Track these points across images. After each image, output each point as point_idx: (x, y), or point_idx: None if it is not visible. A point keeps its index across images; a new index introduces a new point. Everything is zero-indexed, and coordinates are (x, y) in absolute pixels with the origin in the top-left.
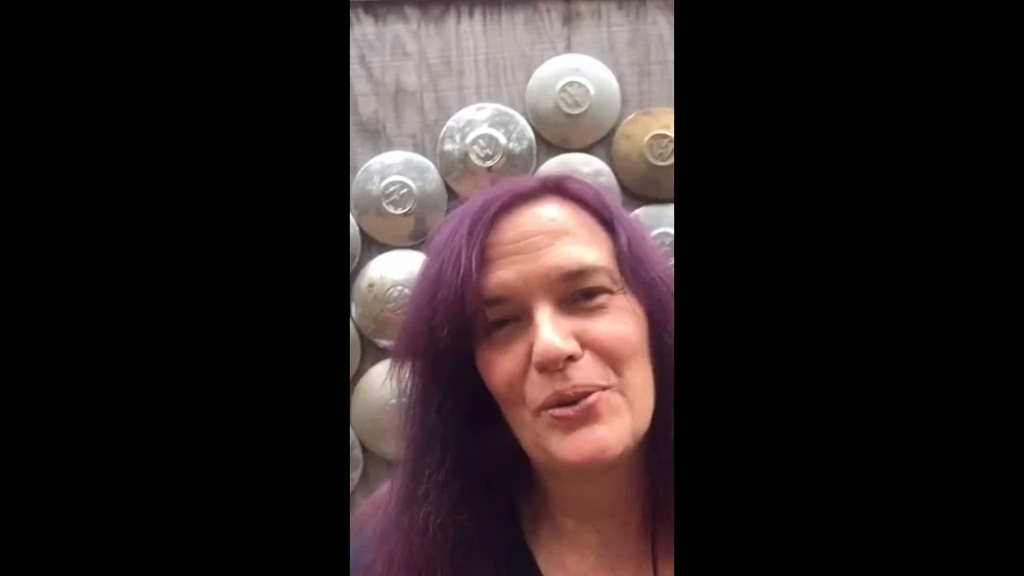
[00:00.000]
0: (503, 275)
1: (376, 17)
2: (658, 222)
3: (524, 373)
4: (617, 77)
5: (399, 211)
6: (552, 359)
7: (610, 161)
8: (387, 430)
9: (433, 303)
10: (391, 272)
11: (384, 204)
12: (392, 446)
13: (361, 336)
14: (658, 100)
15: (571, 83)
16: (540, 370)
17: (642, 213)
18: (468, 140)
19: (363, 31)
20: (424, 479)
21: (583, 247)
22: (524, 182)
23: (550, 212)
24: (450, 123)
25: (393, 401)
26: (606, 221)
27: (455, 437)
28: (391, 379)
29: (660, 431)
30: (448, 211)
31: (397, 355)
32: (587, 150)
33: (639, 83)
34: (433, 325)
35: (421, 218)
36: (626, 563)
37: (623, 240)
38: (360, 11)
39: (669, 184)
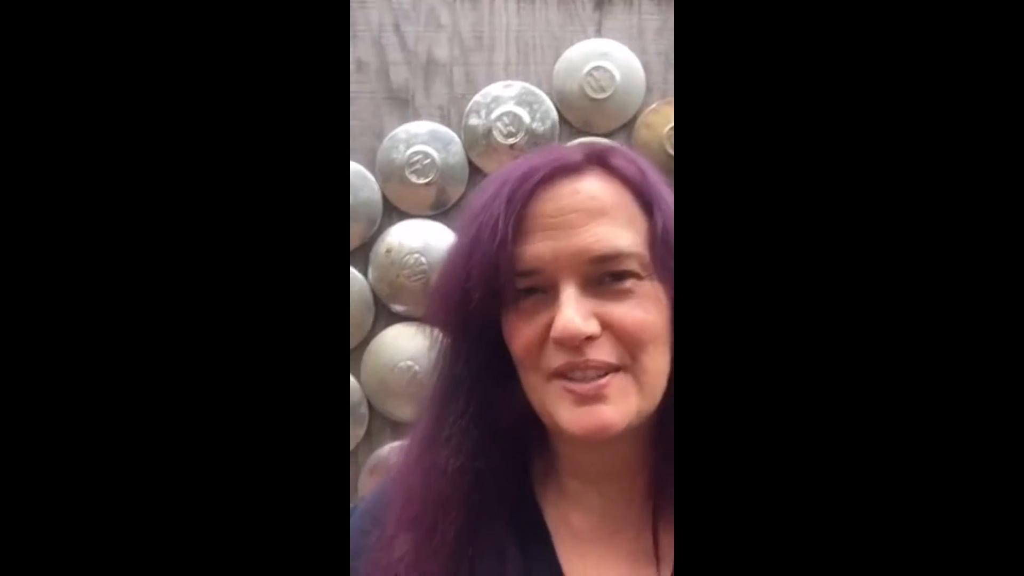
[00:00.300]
0: (537, 248)
1: None
2: None
3: (543, 342)
4: (644, 65)
5: (421, 180)
6: (570, 337)
7: (632, 148)
8: (395, 392)
9: (468, 265)
10: (409, 240)
11: (407, 173)
12: (398, 406)
13: (376, 299)
14: None
15: (597, 67)
16: (557, 344)
17: None
18: (493, 116)
19: (399, 0)
20: (447, 425)
21: (618, 230)
22: (569, 153)
23: (591, 188)
24: (477, 98)
25: (402, 364)
26: (646, 202)
27: (479, 389)
28: (407, 339)
29: (671, 410)
30: (471, 184)
31: (429, 309)
32: (609, 135)
33: (665, 72)
34: (466, 287)
35: (443, 189)
36: (628, 527)
37: (659, 226)
38: None
39: None
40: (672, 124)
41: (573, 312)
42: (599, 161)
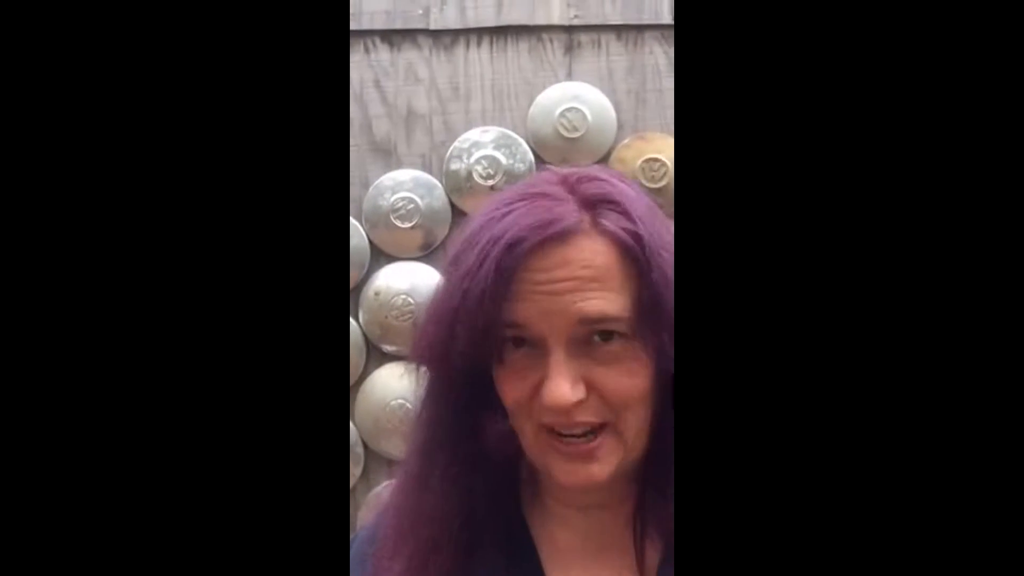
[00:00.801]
0: (526, 309)
1: (391, 45)
2: None
3: (533, 398)
4: (614, 103)
5: (406, 225)
6: (560, 408)
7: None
8: (388, 430)
9: (454, 322)
10: (396, 282)
11: (392, 218)
12: (392, 445)
13: (367, 341)
14: (652, 125)
15: (570, 108)
16: (547, 409)
17: None
18: (472, 160)
19: (379, 57)
20: (434, 459)
21: (608, 295)
22: (561, 216)
23: (582, 256)
24: (456, 144)
25: (393, 403)
26: (639, 263)
27: (467, 427)
28: (398, 379)
29: (653, 450)
30: (455, 224)
31: (416, 348)
32: None
33: (635, 109)
34: (451, 340)
35: (428, 231)
36: (612, 545)
37: (647, 290)
38: (377, 39)
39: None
40: (645, 156)
41: (562, 380)
42: (591, 220)
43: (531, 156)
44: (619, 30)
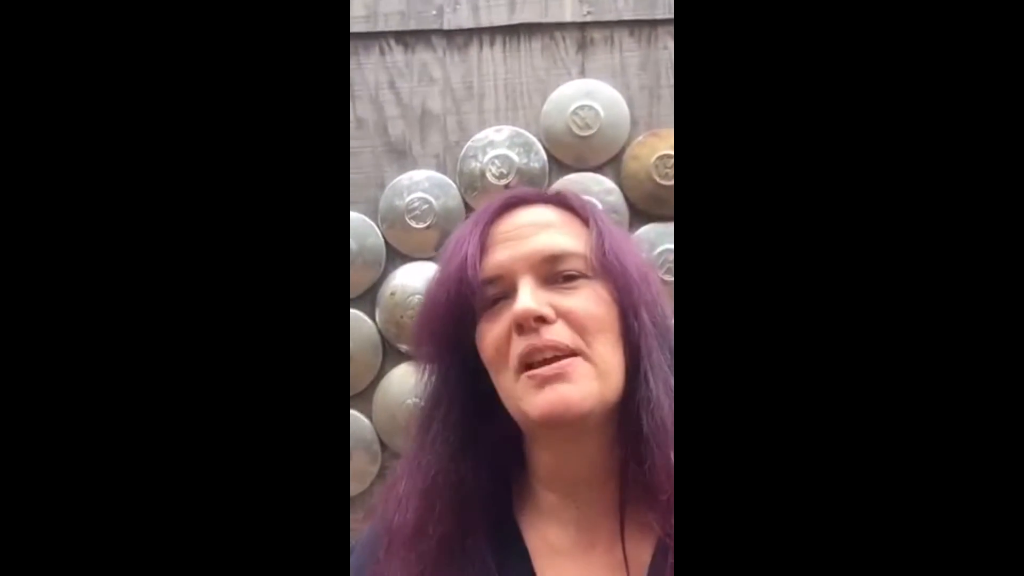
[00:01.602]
0: (497, 256)
1: (406, 46)
2: (664, 239)
3: (508, 337)
4: (628, 100)
5: (420, 225)
6: (525, 315)
7: (619, 180)
8: (403, 427)
9: (444, 283)
10: (412, 281)
11: (407, 218)
12: (407, 442)
13: (383, 340)
14: (667, 122)
15: (583, 106)
16: (518, 330)
17: (650, 230)
18: (486, 159)
19: (394, 59)
20: (432, 434)
21: (564, 236)
22: (524, 191)
23: (540, 211)
24: (470, 143)
25: (410, 401)
26: (586, 222)
27: (459, 401)
28: (414, 377)
29: (629, 407)
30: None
31: (415, 333)
32: (597, 170)
33: (649, 105)
34: (445, 306)
35: (444, 231)
36: (601, 541)
37: (595, 234)
38: (391, 40)
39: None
40: (659, 153)
41: (528, 297)
42: (548, 197)
43: (544, 155)
44: (632, 26)
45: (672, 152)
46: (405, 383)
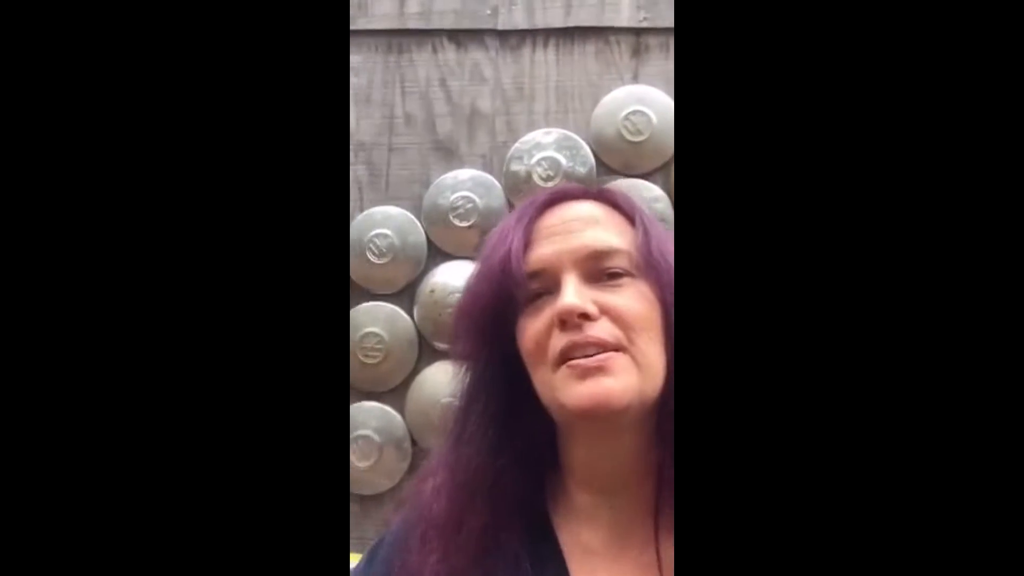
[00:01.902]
0: (541, 251)
1: (458, 45)
2: None
3: (549, 332)
4: None
5: (463, 224)
6: (569, 311)
7: (668, 188)
8: (437, 427)
9: (486, 276)
10: (452, 279)
11: (451, 217)
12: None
13: (420, 337)
14: None
15: (635, 112)
16: (560, 325)
17: None
18: (533, 161)
19: (445, 57)
20: (470, 428)
21: (610, 233)
22: (570, 186)
23: (586, 207)
24: (518, 145)
25: (445, 400)
26: (631, 220)
27: (496, 394)
28: (449, 376)
29: (668, 408)
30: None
31: (455, 325)
32: (647, 176)
33: None
34: (484, 295)
35: (486, 231)
36: (635, 542)
37: (641, 232)
38: (444, 38)
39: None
40: None
41: (573, 292)
42: (594, 195)
43: (592, 159)
44: None
45: None
46: (440, 381)
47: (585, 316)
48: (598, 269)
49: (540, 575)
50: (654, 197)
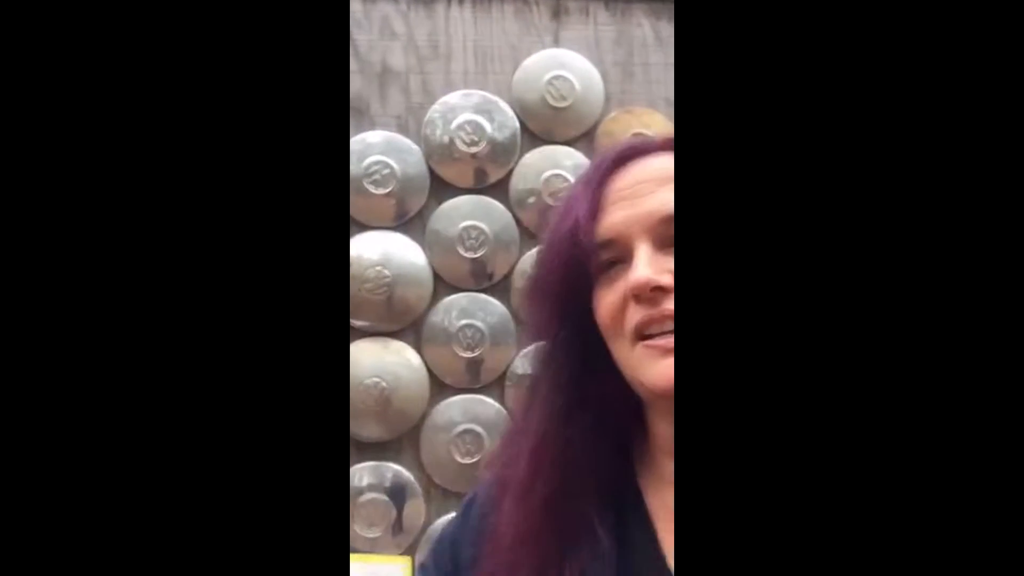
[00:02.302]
0: (611, 218)
1: None
2: None
3: (624, 305)
4: (601, 75)
5: (381, 191)
6: (642, 285)
7: (591, 156)
8: (360, 411)
9: (556, 246)
10: (368, 252)
11: (365, 183)
12: (363, 426)
13: None
14: (639, 100)
15: (558, 76)
16: (635, 299)
17: None
18: (454, 126)
19: (351, 8)
20: (539, 391)
21: None
22: (642, 140)
23: (659, 162)
24: (436, 106)
25: (368, 381)
26: None
27: (569, 363)
28: (371, 356)
29: None
30: (432, 194)
31: (527, 293)
32: (570, 143)
33: (622, 82)
34: (555, 266)
35: (402, 200)
36: None
37: None
38: None
39: None
40: (633, 131)
41: (645, 265)
42: (671, 144)
43: (514, 123)
44: (607, 0)
45: (645, 131)
46: (361, 363)
47: (659, 289)
48: (672, 233)
49: (624, 539)
50: (576, 165)
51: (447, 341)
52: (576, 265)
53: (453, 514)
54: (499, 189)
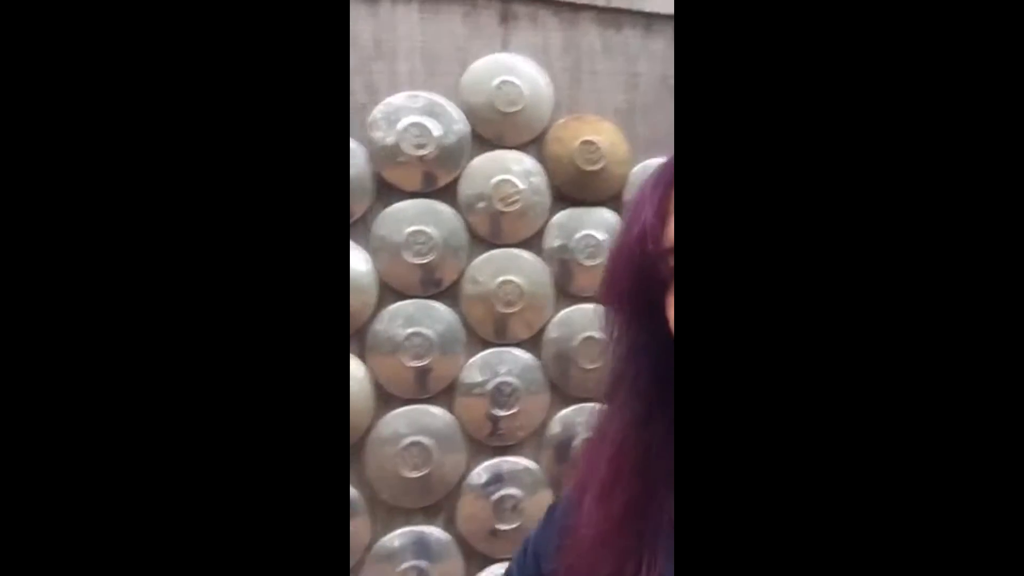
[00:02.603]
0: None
1: None
2: (582, 224)
3: None
4: (550, 81)
5: None
6: None
7: (542, 161)
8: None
9: (625, 250)
10: None
11: None
12: None
13: None
14: (588, 107)
15: (507, 81)
16: None
17: (572, 214)
18: (400, 128)
19: None
20: (619, 395)
21: None
22: None
23: None
24: (380, 107)
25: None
26: None
27: (647, 367)
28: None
29: None
30: (378, 196)
31: (601, 290)
32: (519, 148)
33: (570, 89)
34: (626, 271)
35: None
36: None
37: None
38: None
39: (596, 188)
40: (582, 138)
41: None
42: None
43: (463, 126)
44: (556, 7)
45: (594, 138)
46: None
47: None
48: None
49: None
50: (528, 170)
51: (393, 350)
52: (647, 272)
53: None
54: (447, 193)
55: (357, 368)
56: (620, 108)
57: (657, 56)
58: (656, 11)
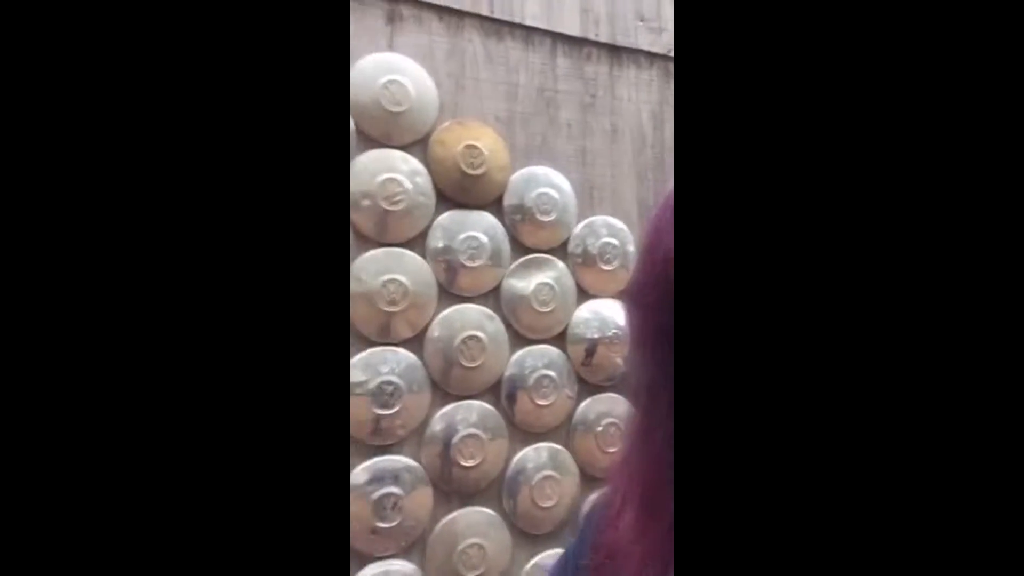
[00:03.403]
0: None
1: None
2: (463, 227)
3: None
4: (435, 84)
5: None
6: None
7: (427, 162)
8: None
9: (648, 270)
10: None
11: None
12: None
13: None
14: (471, 112)
15: (393, 81)
16: None
17: (455, 216)
18: None
19: None
20: (661, 400)
21: None
22: None
23: None
24: None
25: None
26: None
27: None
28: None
29: None
30: None
31: (627, 302)
32: (404, 149)
33: (454, 94)
34: (648, 289)
35: None
36: None
37: None
38: None
39: (478, 192)
40: (465, 142)
41: None
42: None
43: (351, 125)
44: (441, 12)
45: (476, 143)
46: None
47: None
48: None
49: None
50: (413, 170)
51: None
52: (670, 290)
53: None
54: None
55: None
56: (501, 116)
57: (535, 68)
58: (536, 25)
